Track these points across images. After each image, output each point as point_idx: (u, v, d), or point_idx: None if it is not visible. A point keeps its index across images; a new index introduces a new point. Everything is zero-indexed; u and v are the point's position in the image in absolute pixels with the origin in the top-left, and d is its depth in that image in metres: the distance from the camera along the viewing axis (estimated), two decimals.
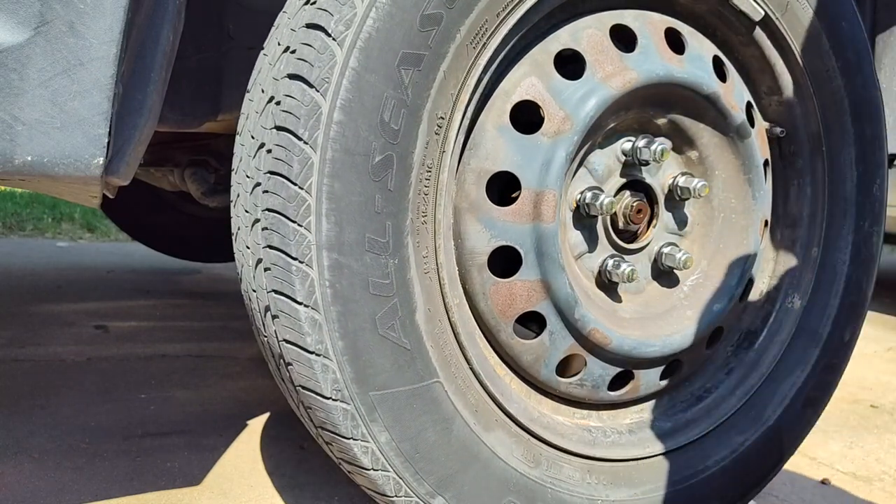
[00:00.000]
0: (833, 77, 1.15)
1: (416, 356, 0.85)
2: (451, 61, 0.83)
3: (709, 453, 1.12)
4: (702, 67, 1.04)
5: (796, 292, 1.21)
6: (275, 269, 0.82)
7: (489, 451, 0.92)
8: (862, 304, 1.23)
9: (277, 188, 0.80)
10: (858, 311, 1.23)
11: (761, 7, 1.08)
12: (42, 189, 0.98)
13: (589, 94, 0.94)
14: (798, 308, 1.20)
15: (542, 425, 0.98)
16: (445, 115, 0.85)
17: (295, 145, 0.79)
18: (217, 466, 1.29)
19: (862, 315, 1.23)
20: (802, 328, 1.20)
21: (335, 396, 0.82)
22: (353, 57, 0.78)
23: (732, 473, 1.13)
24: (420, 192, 0.84)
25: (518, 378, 1.02)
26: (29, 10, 0.72)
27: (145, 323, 2.19)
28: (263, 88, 0.87)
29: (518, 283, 0.94)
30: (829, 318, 1.21)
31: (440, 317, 0.88)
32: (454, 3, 0.82)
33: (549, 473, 0.97)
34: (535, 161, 0.92)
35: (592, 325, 0.98)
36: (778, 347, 1.19)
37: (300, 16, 0.84)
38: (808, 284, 1.21)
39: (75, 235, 3.80)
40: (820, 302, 1.21)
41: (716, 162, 1.10)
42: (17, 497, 1.12)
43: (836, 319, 1.21)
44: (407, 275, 0.84)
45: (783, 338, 1.20)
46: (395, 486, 0.87)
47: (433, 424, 0.87)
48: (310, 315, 0.80)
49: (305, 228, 0.79)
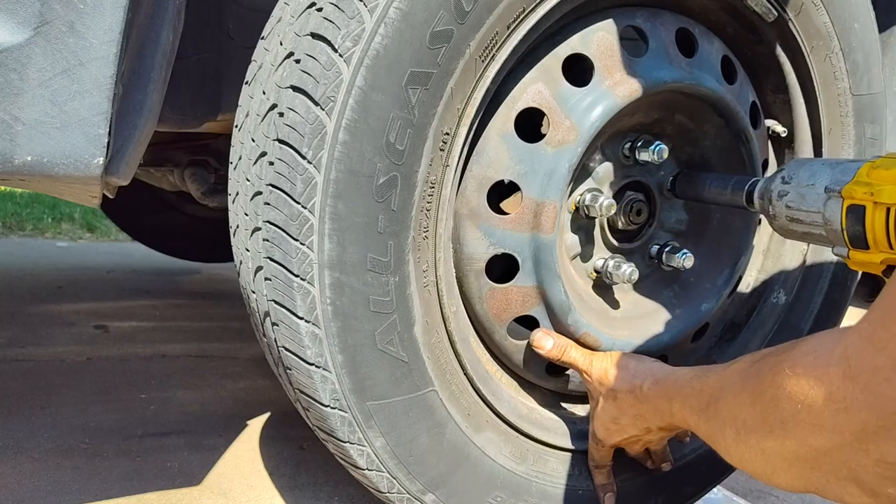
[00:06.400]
0: (840, 78, 1.14)
1: (413, 368, 0.87)
2: (459, 77, 0.81)
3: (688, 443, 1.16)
4: (710, 71, 1.03)
5: (783, 288, 1.23)
6: (275, 281, 0.82)
7: (479, 451, 0.95)
8: (844, 301, 1.26)
9: (279, 203, 0.80)
10: (840, 307, 1.26)
11: (775, 8, 1.05)
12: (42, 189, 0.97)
13: (596, 102, 0.93)
14: (783, 303, 1.23)
15: (530, 421, 1.02)
16: (451, 131, 0.84)
17: (298, 164, 0.78)
18: (217, 466, 1.30)
19: (843, 312, 1.27)
20: (785, 323, 1.24)
21: (333, 405, 0.85)
22: (360, 75, 0.76)
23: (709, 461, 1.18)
24: (423, 210, 0.84)
25: (508, 374, 1.05)
26: (29, 10, 0.70)
27: (145, 323, 2.18)
28: (265, 91, 0.85)
29: (514, 289, 0.96)
30: (811, 314, 1.24)
31: (437, 327, 0.90)
32: (465, 18, 0.80)
33: (535, 468, 1.02)
34: (538, 171, 0.92)
35: (584, 330, 1.00)
36: (760, 341, 1.23)
37: (305, 20, 0.81)
38: (794, 281, 1.23)
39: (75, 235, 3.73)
40: (804, 298, 1.24)
41: (717, 163, 1.10)
42: (17, 497, 1.13)
43: (818, 316, 1.24)
44: (407, 291, 0.85)
45: (766, 332, 1.23)
46: (388, 484, 0.91)
47: (427, 430, 0.90)
48: (310, 329, 0.81)
49: (308, 247, 0.79)
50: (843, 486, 0.60)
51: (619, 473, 1.08)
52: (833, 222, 0.90)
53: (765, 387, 0.66)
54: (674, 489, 1.14)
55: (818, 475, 0.62)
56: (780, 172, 0.97)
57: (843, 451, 0.58)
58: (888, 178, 0.84)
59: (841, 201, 0.88)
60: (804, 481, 0.64)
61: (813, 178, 0.93)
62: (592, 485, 1.06)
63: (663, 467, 1.09)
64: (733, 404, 0.72)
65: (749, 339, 1.23)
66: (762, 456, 0.67)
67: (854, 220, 0.87)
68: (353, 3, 0.76)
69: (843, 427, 0.56)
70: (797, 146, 1.18)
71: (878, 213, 0.84)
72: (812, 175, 0.93)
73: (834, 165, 0.92)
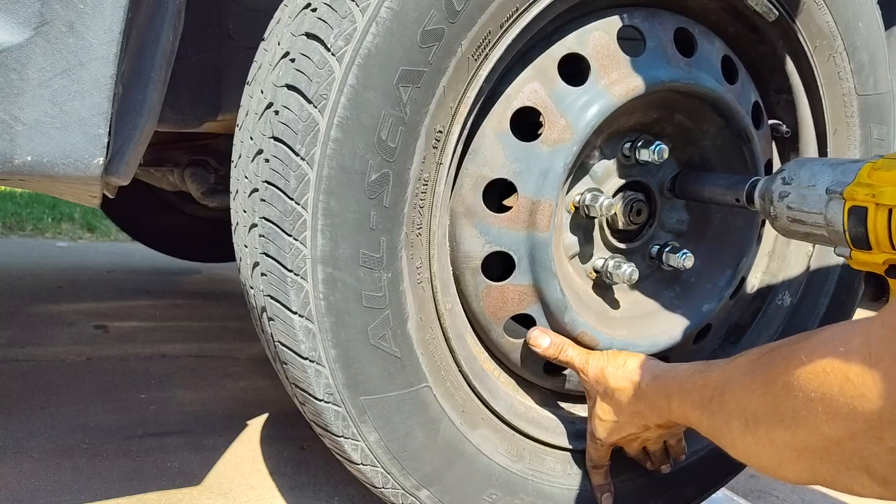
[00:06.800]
0: (844, 78, 1.13)
1: (407, 364, 0.88)
2: (451, 75, 0.82)
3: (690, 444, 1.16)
4: (710, 70, 1.03)
5: (788, 290, 1.22)
6: (270, 276, 0.84)
7: (474, 449, 0.96)
8: (851, 304, 1.24)
9: (274, 200, 0.81)
10: (846, 309, 1.25)
11: (777, 7, 1.05)
12: (42, 189, 0.99)
13: (591, 101, 0.94)
14: (788, 306, 1.22)
15: (527, 420, 1.02)
16: (444, 129, 0.85)
17: (292, 160, 0.79)
18: (217, 466, 1.31)
19: (850, 314, 1.25)
20: (790, 325, 1.22)
21: (327, 399, 0.86)
22: (352, 74, 0.77)
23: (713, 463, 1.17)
24: (416, 206, 0.85)
25: (506, 373, 1.05)
26: (29, 10, 0.72)
27: (145, 323, 2.19)
28: (263, 90, 0.87)
29: (510, 287, 0.96)
30: (817, 316, 1.23)
31: (432, 324, 0.91)
32: (457, 17, 0.81)
33: (532, 466, 1.02)
34: (534, 170, 0.92)
35: (581, 329, 1.00)
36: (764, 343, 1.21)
37: (300, 21, 0.82)
38: (799, 283, 1.22)
39: (75, 235, 3.76)
40: (810, 300, 1.23)
41: (718, 163, 1.10)
42: (17, 497, 1.13)
43: (824, 318, 1.23)
44: (400, 287, 0.86)
45: (770, 334, 1.22)
46: (382, 479, 0.92)
47: (421, 426, 0.91)
48: (304, 324, 0.82)
49: (301, 243, 0.80)
50: (853, 476, 0.59)
51: (618, 474, 1.07)
52: (835, 223, 0.89)
53: (777, 376, 0.66)
54: (674, 491, 1.13)
55: (828, 465, 0.61)
56: (781, 173, 0.96)
57: (856, 440, 0.57)
58: (889, 179, 0.84)
59: (843, 203, 0.88)
60: (813, 472, 0.63)
61: (814, 179, 0.92)
62: (590, 485, 1.06)
63: (663, 469, 1.09)
64: (741, 395, 0.72)
65: (753, 341, 1.22)
66: (770, 447, 0.67)
67: (856, 221, 0.87)
68: (345, 3, 0.78)
69: (859, 415, 0.56)
70: (801, 147, 1.17)
71: (880, 215, 0.84)
72: (813, 176, 0.93)
73: (835, 166, 0.91)
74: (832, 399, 0.58)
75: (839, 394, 0.58)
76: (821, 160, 0.96)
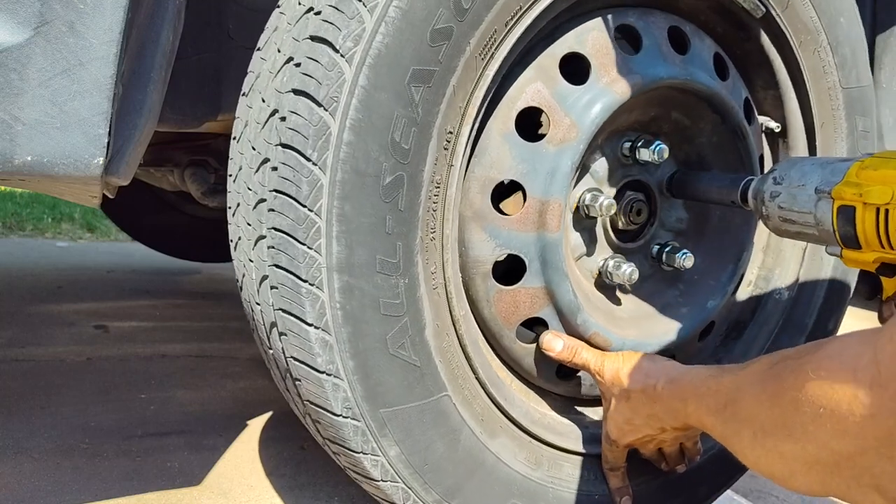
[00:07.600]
0: (829, 72, 1.16)
1: (426, 372, 0.85)
2: (460, 74, 0.81)
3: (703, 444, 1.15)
4: (703, 67, 1.04)
5: (784, 284, 1.23)
6: (282, 288, 0.81)
7: (494, 458, 0.93)
8: (846, 294, 1.26)
9: (285, 209, 0.78)
10: (842, 300, 1.26)
11: (763, 4, 1.07)
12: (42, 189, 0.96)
13: (594, 99, 0.93)
14: (786, 299, 1.23)
15: (543, 426, 1.00)
16: (454, 130, 0.83)
17: (303, 166, 0.77)
18: (217, 466, 1.29)
19: (845, 304, 1.27)
20: (789, 319, 1.23)
21: (345, 414, 0.82)
22: (363, 75, 0.76)
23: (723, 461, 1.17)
24: (429, 210, 0.83)
25: (519, 379, 1.03)
26: (29, 10, 0.70)
27: (145, 323, 2.16)
28: (264, 98, 0.84)
29: (522, 290, 0.95)
30: (815, 308, 1.24)
31: (448, 331, 0.88)
32: (465, 15, 0.80)
33: (550, 473, 0.99)
34: (541, 170, 0.91)
35: (594, 330, 0.99)
36: (765, 338, 1.22)
37: (303, 25, 0.81)
38: (795, 276, 1.23)
39: (75, 235, 3.71)
40: (807, 293, 1.24)
41: (714, 160, 1.10)
42: (17, 497, 1.12)
43: (821, 309, 1.24)
44: (417, 293, 0.83)
45: (770, 328, 1.23)
46: (403, 496, 0.88)
47: (441, 437, 0.88)
48: (320, 336, 0.79)
49: (315, 251, 0.77)
50: (864, 493, 0.58)
51: (634, 477, 1.06)
52: (824, 223, 0.90)
53: (785, 389, 0.65)
54: (690, 491, 1.12)
55: (839, 480, 0.60)
56: (772, 173, 0.97)
57: (867, 457, 0.56)
58: (876, 178, 0.84)
59: (831, 202, 0.88)
60: (824, 486, 0.62)
61: (803, 179, 0.93)
62: (607, 488, 1.04)
63: (678, 469, 1.08)
64: (751, 406, 0.71)
65: (755, 335, 1.22)
66: (780, 459, 0.66)
67: (844, 220, 0.87)
68: (352, 4, 0.76)
69: (868, 433, 0.55)
70: (791, 141, 1.19)
71: (867, 214, 0.84)
72: (802, 176, 0.93)
73: (824, 165, 0.92)
74: (841, 416, 0.57)
75: (848, 412, 0.56)
76: (811, 159, 0.96)
